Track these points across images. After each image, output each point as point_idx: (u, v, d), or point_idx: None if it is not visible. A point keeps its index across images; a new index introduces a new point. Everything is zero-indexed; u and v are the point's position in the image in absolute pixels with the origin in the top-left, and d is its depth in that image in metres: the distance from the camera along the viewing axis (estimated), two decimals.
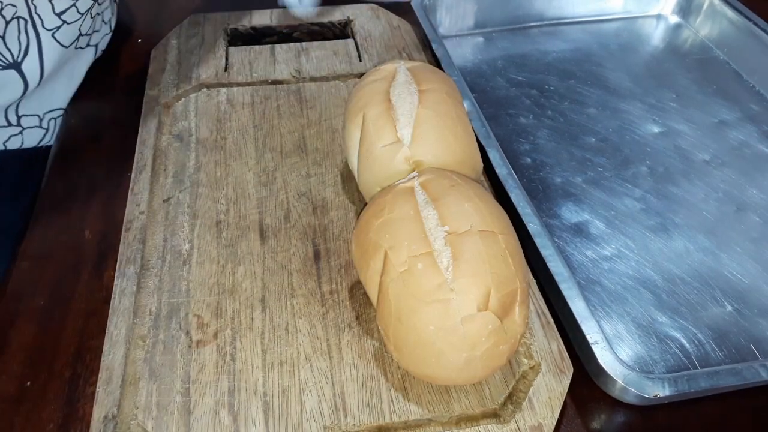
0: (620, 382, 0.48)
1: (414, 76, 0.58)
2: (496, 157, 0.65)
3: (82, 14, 0.70)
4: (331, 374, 0.47)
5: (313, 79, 0.76)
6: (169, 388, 0.48)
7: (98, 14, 0.76)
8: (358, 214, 0.60)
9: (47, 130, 0.76)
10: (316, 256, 0.57)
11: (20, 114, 0.71)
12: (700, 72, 0.85)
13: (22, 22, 0.64)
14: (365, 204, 0.54)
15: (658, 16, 0.95)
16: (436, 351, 0.44)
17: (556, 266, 0.55)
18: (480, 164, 0.58)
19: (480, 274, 0.44)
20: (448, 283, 0.44)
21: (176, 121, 0.70)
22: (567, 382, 0.49)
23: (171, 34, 0.82)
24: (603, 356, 0.49)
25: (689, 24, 0.93)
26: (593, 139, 0.75)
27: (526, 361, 0.50)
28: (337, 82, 0.76)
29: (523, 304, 0.46)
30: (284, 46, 0.81)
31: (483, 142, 0.66)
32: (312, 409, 0.47)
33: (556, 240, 0.63)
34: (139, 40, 0.87)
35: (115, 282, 0.55)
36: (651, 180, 0.70)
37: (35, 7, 0.64)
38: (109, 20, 0.82)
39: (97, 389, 0.48)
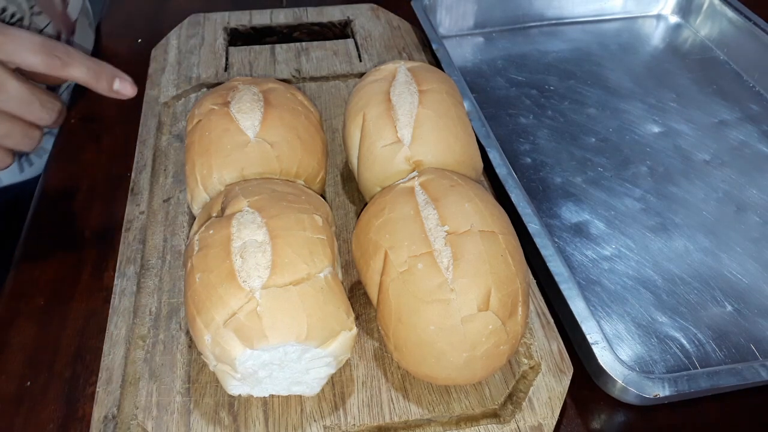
0: (620, 382, 0.48)
1: (414, 76, 0.58)
2: (496, 157, 0.65)
3: None
4: (331, 374, 0.47)
5: (313, 79, 0.76)
6: (169, 388, 0.48)
7: None
8: (358, 214, 0.60)
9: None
10: None
11: None
12: (700, 72, 0.85)
13: None
14: (365, 204, 0.54)
15: (658, 16, 0.95)
16: (436, 351, 0.44)
17: (556, 266, 0.55)
18: (480, 164, 0.58)
19: (480, 274, 0.44)
20: (449, 283, 0.44)
21: (176, 121, 0.70)
22: (567, 382, 0.49)
23: (171, 34, 0.82)
24: (603, 356, 0.49)
25: (689, 24, 0.93)
26: (593, 139, 0.75)
27: (526, 361, 0.50)
28: (337, 82, 0.76)
29: (523, 304, 0.46)
30: (284, 46, 0.81)
31: (483, 142, 0.66)
32: (312, 409, 0.47)
33: (556, 240, 0.63)
34: (139, 40, 0.87)
35: (115, 282, 0.55)
36: (651, 180, 0.70)
37: None
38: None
39: (97, 389, 0.48)
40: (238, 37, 0.84)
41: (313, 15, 0.86)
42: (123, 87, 0.50)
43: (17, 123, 0.47)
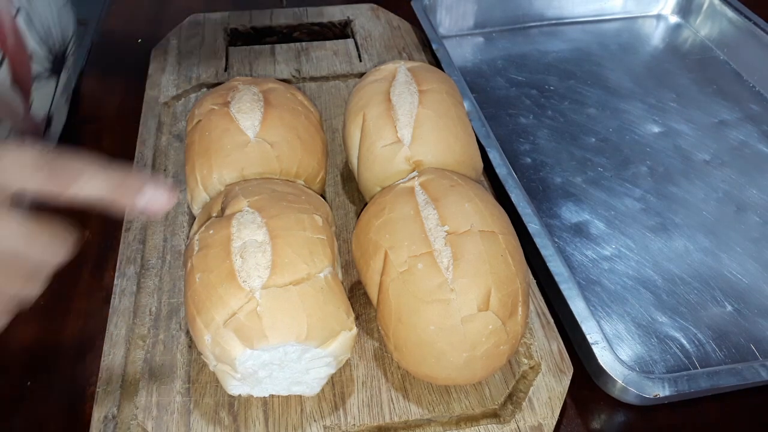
0: (620, 382, 0.48)
1: (414, 76, 0.58)
2: (496, 157, 0.65)
3: None
4: (332, 374, 0.47)
5: (313, 79, 0.76)
6: (169, 388, 0.48)
7: None
8: (358, 214, 0.60)
9: None
10: None
11: None
12: (700, 72, 0.85)
13: None
14: (365, 204, 0.54)
15: (658, 16, 0.95)
16: (436, 351, 0.44)
17: (556, 266, 0.55)
18: (480, 164, 0.58)
19: (480, 274, 0.44)
20: (449, 282, 0.44)
21: (176, 121, 0.70)
22: (567, 382, 0.49)
23: (171, 34, 0.82)
24: (603, 356, 0.49)
25: (689, 24, 0.93)
26: (593, 139, 0.75)
27: (526, 361, 0.50)
28: (337, 82, 0.76)
29: (523, 304, 0.46)
30: (284, 46, 0.81)
31: (483, 142, 0.66)
32: (312, 409, 0.47)
33: (556, 240, 0.63)
34: (139, 40, 0.87)
35: (115, 282, 0.55)
36: (651, 180, 0.70)
37: None
38: None
39: (97, 389, 0.48)
40: (238, 37, 0.84)
41: (313, 15, 0.86)
42: (153, 201, 0.37)
43: (18, 265, 0.36)
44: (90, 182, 0.36)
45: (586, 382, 0.52)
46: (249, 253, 0.44)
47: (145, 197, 0.37)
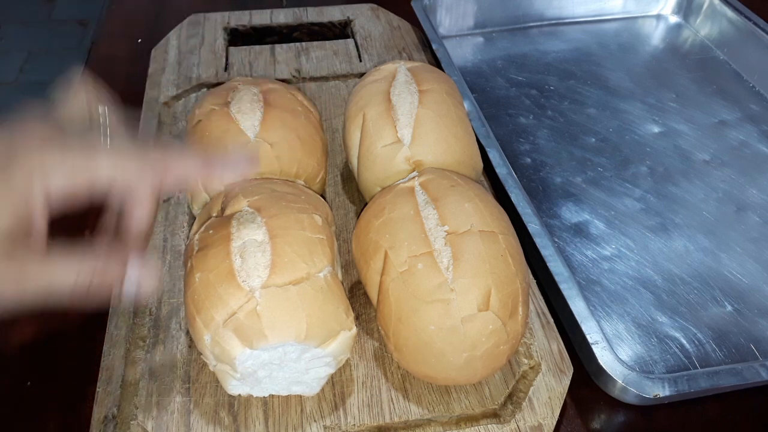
0: (620, 382, 0.48)
1: (414, 76, 0.58)
2: (496, 157, 0.65)
3: None
4: (331, 374, 0.47)
5: (313, 79, 0.76)
6: (169, 388, 0.48)
7: None
8: (358, 214, 0.60)
9: None
10: None
11: None
12: (700, 72, 0.85)
13: None
14: (365, 204, 0.54)
15: (658, 16, 0.95)
16: (436, 351, 0.44)
17: (556, 266, 0.55)
18: (480, 164, 0.58)
19: (480, 274, 0.44)
20: (449, 283, 0.44)
21: (176, 121, 0.70)
22: (567, 382, 0.49)
23: (171, 34, 0.82)
24: (603, 356, 0.49)
25: (689, 24, 0.93)
26: (593, 139, 0.75)
27: (526, 361, 0.50)
28: (337, 82, 0.76)
29: (523, 304, 0.46)
30: (284, 46, 0.81)
31: (483, 142, 0.66)
32: (312, 409, 0.47)
33: (556, 240, 0.63)
34: (139, 40, 0.87)
35: None
36: (651, 180, 0.70)
37: None
38: None
39: (97, 389, 0.48)
40: (238, 37, 0.84)
41: (313, 15, 0.86)
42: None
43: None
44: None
45: (586, 382, 0.52)
46: (248, 253, 0.44)
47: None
